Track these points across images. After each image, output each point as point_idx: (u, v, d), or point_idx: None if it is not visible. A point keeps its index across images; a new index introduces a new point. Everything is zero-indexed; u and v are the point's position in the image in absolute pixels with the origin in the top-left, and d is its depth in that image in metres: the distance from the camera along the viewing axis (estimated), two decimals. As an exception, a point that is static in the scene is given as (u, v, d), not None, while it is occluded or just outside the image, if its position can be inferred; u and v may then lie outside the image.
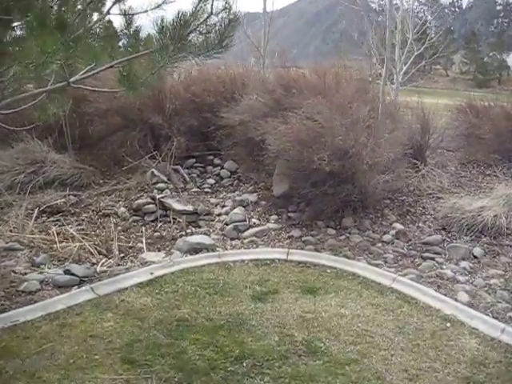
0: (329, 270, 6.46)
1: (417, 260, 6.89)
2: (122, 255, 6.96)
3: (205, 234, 7.67)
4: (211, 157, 10.32)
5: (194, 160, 10.22)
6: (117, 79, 4.12)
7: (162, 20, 4.33)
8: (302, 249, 7.03)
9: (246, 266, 6.56)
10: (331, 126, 7.30)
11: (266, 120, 8.43)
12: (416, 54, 15.81)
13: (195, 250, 6.87)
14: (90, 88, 4.93)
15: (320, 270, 6.48)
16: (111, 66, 4.46)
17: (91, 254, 6.74)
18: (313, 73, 9.59)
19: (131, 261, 6.71)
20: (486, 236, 7.42)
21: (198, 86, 10.32)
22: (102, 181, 9.49)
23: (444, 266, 6.69)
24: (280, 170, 8.22)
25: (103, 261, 6.56)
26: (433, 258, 6.88)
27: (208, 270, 6.39)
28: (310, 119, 7.60)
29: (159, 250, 7.15)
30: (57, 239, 6.88)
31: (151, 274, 6.18)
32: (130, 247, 7.27)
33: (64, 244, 6.95)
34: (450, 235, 7.51)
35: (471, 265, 6.77)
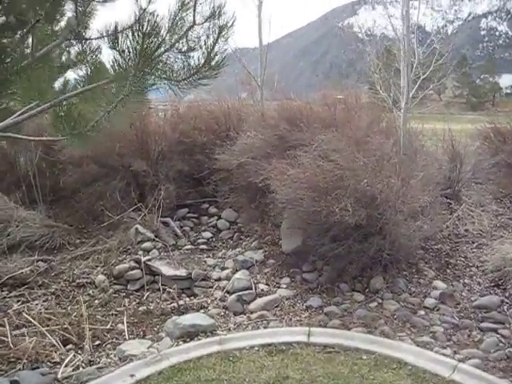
0: (365, 357, 4.94)
1: (474, 333, 5.38)
2: (96, 343, 5.45)
3: (201, 308, 6.18)
4: (206, 205, 8.90)
5: (187, 210, 8.80)
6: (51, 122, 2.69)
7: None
8: (326, 325, 5.52)
9: (257, 354, 5.03)
10: (352, 166, 5.87)
11: (269, 161, 7.03)
12: (423, 77, 14.62)
13: (189, 334, 5.35)
14: (20, 136, 3.50)
15: (353, 356, 4.95)
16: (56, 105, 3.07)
17: (54, 347, 5.21)
18: (319, 103, 8.21)
19: (107, 354, 5.17)
20: (552, 294, 5.95)
21: (187, 124, 8.95)
22: (77, 241, 8.01)
23: (512, 341, 5.18)
24: (290, 222, 6.76)
25: (69, 357, 5.03)
26: (495, 330, 5.37)
27: (207, 364, 4.87)
28: (325, 159, 6.18)
29: (144, 335, 5.62)
30: (8, 330, 5.34)
31: (132, 376, 4.65)
32: (108, 330, 5.75)
33: (20, 332, 5.43)
34: (507, 294, 6.02)
35: (544, 336, 5.27)
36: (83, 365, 4.91)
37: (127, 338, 5.56)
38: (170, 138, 8.84)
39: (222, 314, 5.96)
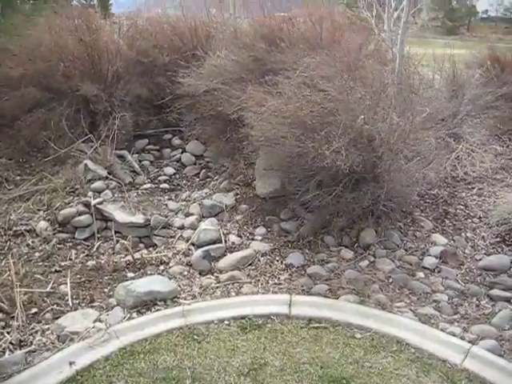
0: (358, 335, 4.07)
1: (484, 303, 4.56)
2: (33, 311, 4.46)
3: (161, 263, 5.21)
4: (169, 135, 7.78)
5: (147, 141, 7.68)
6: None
7: None
8: (310, 290, 4.61)
9: (227, 331, 4.12)
10: (347, 98, 4.79)
11: (243, 88, 5.89)
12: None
13: (146, 304, 4.39)
14: None
15: (344, 334, 4.09)
16: None
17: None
18: (304, 20, 6.98)
19: (43, 331, 4.18)
20: None
21: (147, 40, 7.63)
22: (17, 177, 6.82)
23: (529, 314, 4.38)
24: (267, 163, 5.72)
25: (-6, 335, 4.04)
26: (508, 300, 4.56)
27: (166, 345, 3.94)
28: (313, 88, 5.08)
29: (91, 300, 4.63)
30: None
31: (71, 364, 3.69)
32: (48, 294, 4.76)
33: None
34: (517, 252, 5.20)
35: None
36: (11, 347, 3.93)
37: (70, 304, 4.57)
38: (126, 57, 7.54)
39: (186, 273, 5.00)
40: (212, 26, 8.15)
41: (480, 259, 5.13)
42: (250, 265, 5.05)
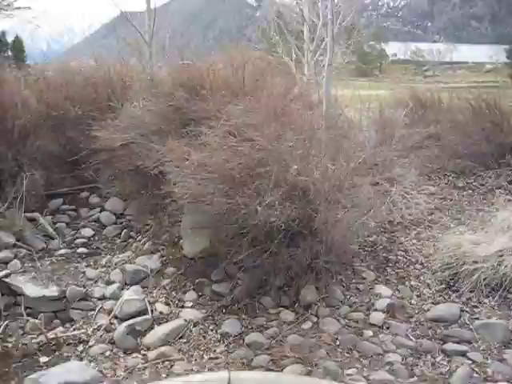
0: (310, 414, 3.59)
1: (439, 360, 4.19)
2: None
3: (80, 342, 4.57)
4: (85, 193, 7.17)
5: (61, 200, 7.01)
6: None
7: None
8: (251, 363, 4.10)
9: (159, 425, 3.53)
10: (277, 148, 4.42)
11: (163, 140, 5.44)
12: (327, 39, 13.46)
13: (60, 400, 3.74)
14: None
15: (294, 414, 3.60)
16: None
17: None
18: (224, 66, 6.64)
19: None
20: (513, 294, 4.94)
21: (57, 92, 7.05)
22: None
23: (489, 370, 4.04)
24: (193, 221, 5.23)
25: None
26: (463, 354, 4.22)
27: None
28: (239, 137, 4.69)
29: (-6, 399, 3.93)
30: None
31: None
32: None
33: None
34: (464, 299, 4.92)
35: (522, 358, 4.20)
36: None
37: (-32, 406, 3.84)
38: (35, 111, 6.94)
39: (108, 353, 4.37)
40: (128, 75, 7.69)
41: (428, 309, 4.80)
42: (181, 338, 4.48)
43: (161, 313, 4.78)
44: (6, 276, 5.30)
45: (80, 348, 4.50)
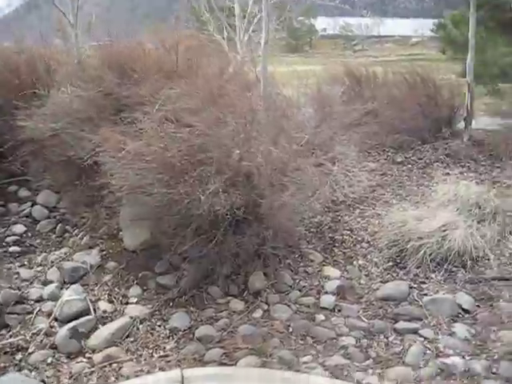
0: (268, 408, 3.48)
1: (392, 339, 4.18)
2: None
3: (18, 350, 4.24)
4: (14, 187, 6.72)
5: (-13, 196, 6.54)
6: None
7: None
8: (203, 358, 3.95)
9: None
10: (217, 132, 4.22)
11: (95, 128, 5.14)
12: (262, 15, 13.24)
13: (-2, 416, 3.46)
14: None
15: (251, 410, 3.48)
16: None
17: None
18: (155, 46, 6.34)
19: None
20: (459, 269, 5.00)
21: (-26, 80, 6.55)
22: None
23: (440, 345, 4.06)
24: (132, 212, 4.98)
25: None
26: (415, 331, 4.23)
27: None
28: (177, 122, 4.46)
29: None
30: None
31: None
32: None
33: None
34: (412, 276, 4.94)
35: (471, 329, 4.25)
36: None
37: None
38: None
39: (50, 359, 4.08)
40: (53, 59, 7.23)
41: (377, 289, 4.79)
42: (127, 336, 4.26)
43: (104, 311, 4.53)
44: None
45: (18, 356, 4.18)
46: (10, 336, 4.47)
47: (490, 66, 10.07)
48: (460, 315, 4.44)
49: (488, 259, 5.13)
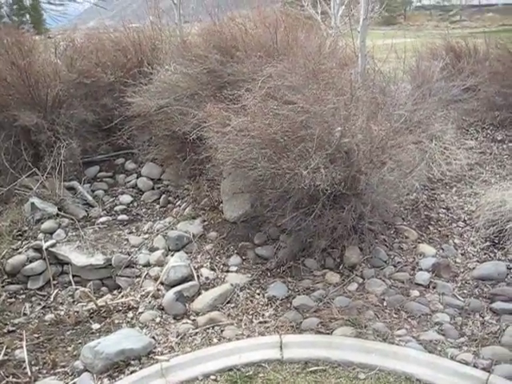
0: (363, 375, 3.64)
1: (488, 318, 4.20)
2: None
3: (129, 309, 4.66)
4: (121, 160, 7.19)
5: (98, 168, 7.05)
6: None
7: None
8: (300, 325, 4.14)
9: (215, 388, 3.62)
10: (319, 109, 4.34)
11: (199, 104, 5.40)
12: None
13: (118, 366, 3.83)
14: None
15: (346, 375, 3.65)
16: None
17: None
18: (255, 24, 6.49)
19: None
20: (563, 250, 4.86)
21: (88, 59, 6.99)
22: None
23: (539, 327, 4.03)
24: (235, 185, 5.22)
25: None
26: (512, 312, 4.21)
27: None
28: (279, 100, 4.62)
29: (54, 365, 4.05)
30: None
31: None
32: (1, 363, 4.13)
33: None
34: (510, 256, 4.88)
35: None
36: None
37: (29, 373, 3.97)
38: (66, 79, 6.85)
39: (159, 319, 4.45)
40: (157, 38, 7.58)
41: (474, 268, 4.78)
42: (228, 302, 4.54)
43: (207, 278, 4.83)
44: (52, 246, 5.39)
45: (130, 315, 4.60)
46: (122, 296, 4.88)
47: None
48: (561, 298, 4.35)
49: None
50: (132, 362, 3.86)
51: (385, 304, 4.37)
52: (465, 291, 4.52)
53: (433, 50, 9.14)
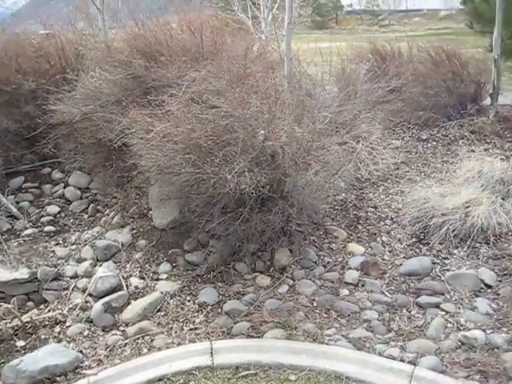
0: (293, 377, 3.64)
1: (414, 313, 4.30)
2: None
3: (56, 323, 4.50)
4: (48, 169, 6.97)
5: (22, 178, 6.80)
6: None
7: None
8: (231, 331, 4.12)
9: (144, 400, 3.54)
10: (243, 113, 4.33)
11: (124, 111, 5.30)
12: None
13: (42, 384, 3.69)
14: None
15: (278, 377, 3.65)
16: None
17: None
18: (180, 29, 6.44)
19: None
20: (482, 245, 5.05)
21: (6, 65, 6.74)
22: None
23: (461, 319, 4.16)
24: (161, 192, 5.15)
25: None
26: (437, 306, 4.33)
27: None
28: (203, 104, 4.58)
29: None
30: None
31: None
32: None
33: None
34: (435, 252, 5.01)
35: (492, 304, 4.33)
36: None
37: None
38: (-16, 87, 6.61)
39: (87, 332, 4.33)
40: (81, 44, 7.40)
41: (401, 264, 4.88)
42: (158, 311, 4.47)
43: (136, 287, 4.74)
44: (-27, 261, 5.16)
45: (57, 329, 4.45)
46: (49, 310, 4.72)
47: (520, 41, 9.92)
48: (482, 290, 4.52)
49: (512, 235, 5.17)
50: (58, 379, 3.73)
51: (315, 304, 4.40)
52: (392, 287, 4.61)
53: (360, 53, 9.34)
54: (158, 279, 4.86)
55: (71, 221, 6.10)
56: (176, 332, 4.19)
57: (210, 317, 4.33)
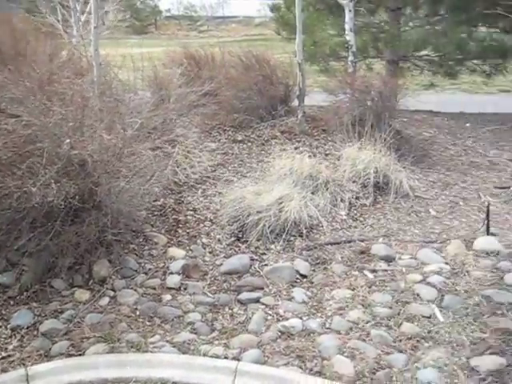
0: (114, 390, 3.54)
1: (236, 310, 4.42)
2: None
3: None
4: None
5: None
6: None
7: None
8: (49, 352, 3.89)
9: None
10: (45, 122, 4.11)
11: None
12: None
13: None
14: None
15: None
16: None
17: None
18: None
19: None
20: (296, 237, 5.37)
21: None
22: None
23: (280, 310, 4.37)
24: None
25: None
26: (257, 300, 4.50)
27: None
28: (4, 115, 4.28)
29: None
30: None
31: None
32: None
33: None
34: (253, 248, 5.21)
35: (307, 292, 4.62)
36: None
37: None
38: None
39: None
40: None
41: (221, 264, 4.99)
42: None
43: None
44: None
45: None
46: None
47: (321, 46, 10.73)
48: (298, 280, 4.79)
49: (322, 226, 5.55)
50: None
51: (138, 313, 4.32)
52: (214, 287, 4.69)
53: (173, 58, 9.40)
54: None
55: None
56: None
57: (24, 341, 4.04)
